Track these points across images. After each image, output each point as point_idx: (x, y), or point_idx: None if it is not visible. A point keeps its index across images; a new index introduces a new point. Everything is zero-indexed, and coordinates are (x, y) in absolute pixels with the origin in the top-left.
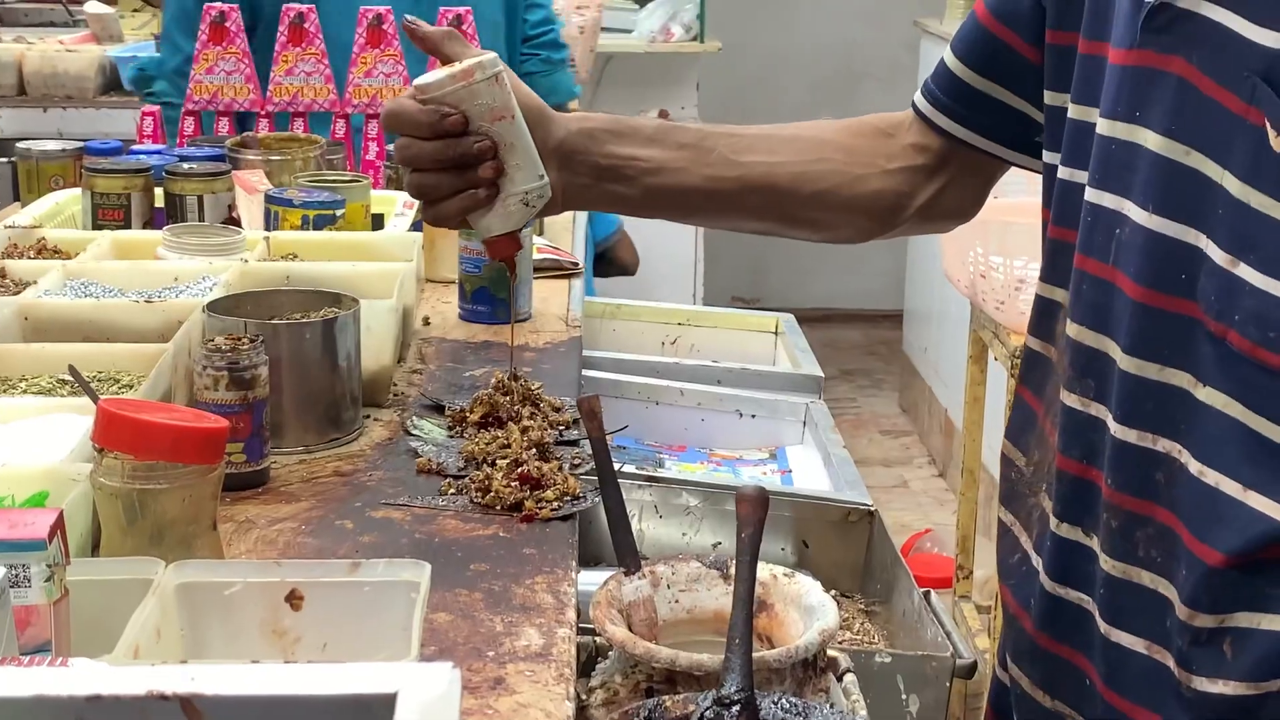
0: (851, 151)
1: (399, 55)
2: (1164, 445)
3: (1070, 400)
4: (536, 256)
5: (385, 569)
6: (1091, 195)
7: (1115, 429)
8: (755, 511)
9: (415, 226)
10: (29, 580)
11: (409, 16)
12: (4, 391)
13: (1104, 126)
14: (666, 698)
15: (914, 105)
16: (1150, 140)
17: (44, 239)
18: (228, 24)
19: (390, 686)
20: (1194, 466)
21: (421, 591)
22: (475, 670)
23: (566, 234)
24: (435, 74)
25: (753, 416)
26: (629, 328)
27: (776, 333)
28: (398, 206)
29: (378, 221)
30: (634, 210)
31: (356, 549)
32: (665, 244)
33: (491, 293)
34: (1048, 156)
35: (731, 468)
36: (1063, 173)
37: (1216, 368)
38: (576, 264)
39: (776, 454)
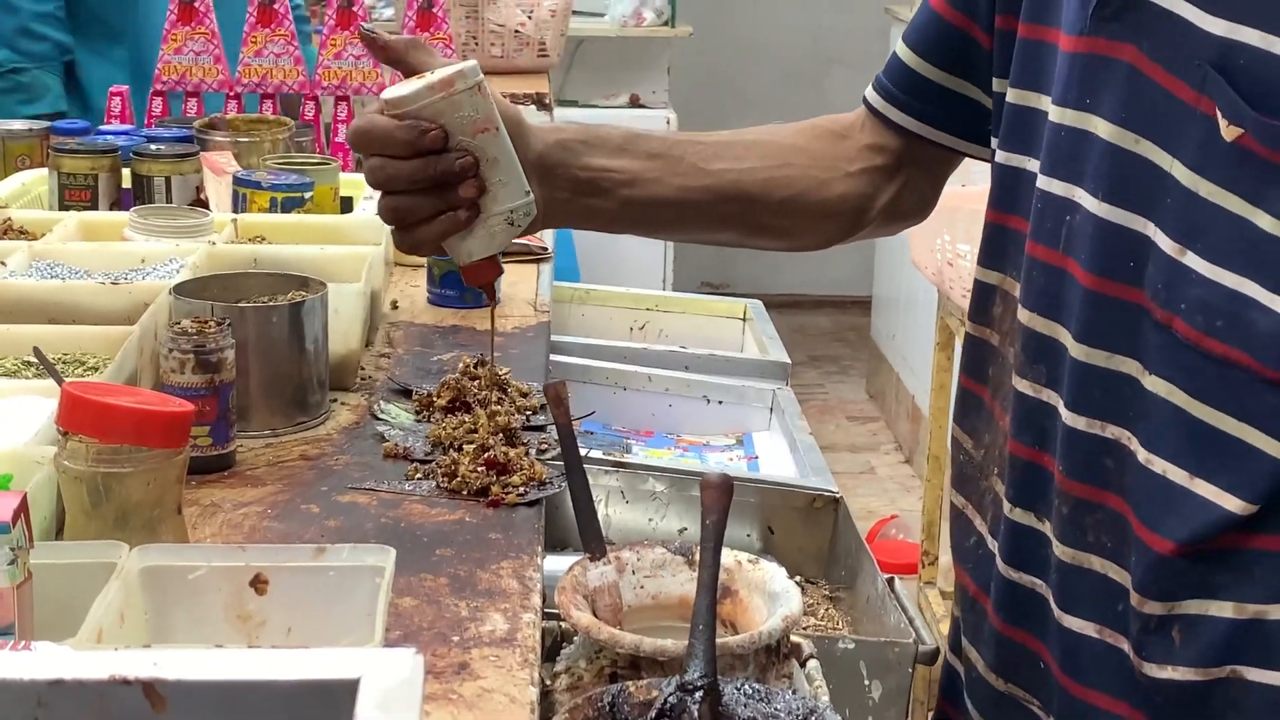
0: (813, 155)
1: None
2: (1113, 432)
3: (1022, 386)
4: None
5: (350, 554)
6: (1042, 182)
7: (1066, 415)
8: (720, 498)
9: None
10: None
11: (365, 25)
12: None
13: (1055, 114)
14: (630, 683)
15: (866, 102)
16: (1101, 128)
17: (10, 219)
18: (196, 4)
19: (353, 672)
20: (1142, 454)
21: (386, 576)
22: (440, 655)
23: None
24: (408, 85)
25: (720, 402)
26: (597, 313)
27: (745, 319)
28: (366, 190)
29: (346, 204)
30: (607, 225)
31: (322, 533)
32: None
33: (460, 277)
34: (994, 143)
35: (698, 453)
36: (1001, 157)
37: (1162, 356)
38: (545, 249)
39: (743, 440)
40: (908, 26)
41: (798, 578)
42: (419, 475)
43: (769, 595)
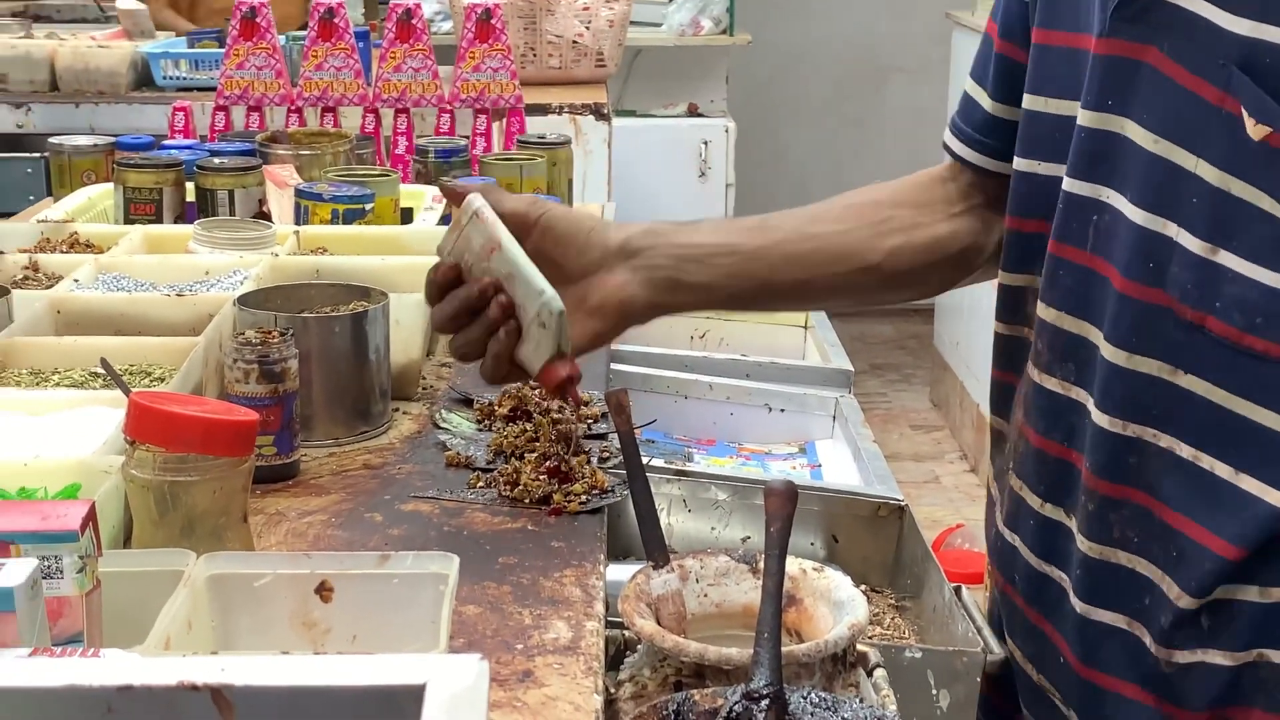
0: (915, 204)
1: (428, 50)
2: (1146, 432)
3: (1050, 384)
4: None
5: (414, 561)
6: (1068, 185)
7: (1096, 414)
8: (784, 506)
9: (444, 220)
10: (61, 571)
11: (444, 179)
12: (37, 384)
13: (1084, 117)
14: (695, 691)
15: (947, 148)
16: (1129, 130)
17: (76, 233)
18: (258, 19)
19: (419, 678)
20: (1186, 451)
21: (450, 584)
22: (504, 663)
23: None
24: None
25: (782, 411)
26: (657, 322)
27: (806, 326)
28: (427, 200)
29: (407, 216)
30: (714, 300)
31: (385, 541)
32: None
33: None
34: (1027, 161)
35: (761, 462)
36: (1018, 164)
37: (1195, 355)
38: None
39: (806, 448)
40: (973, 65)
41: (863, 586)
42: (481, 484)
43: (834, 604)
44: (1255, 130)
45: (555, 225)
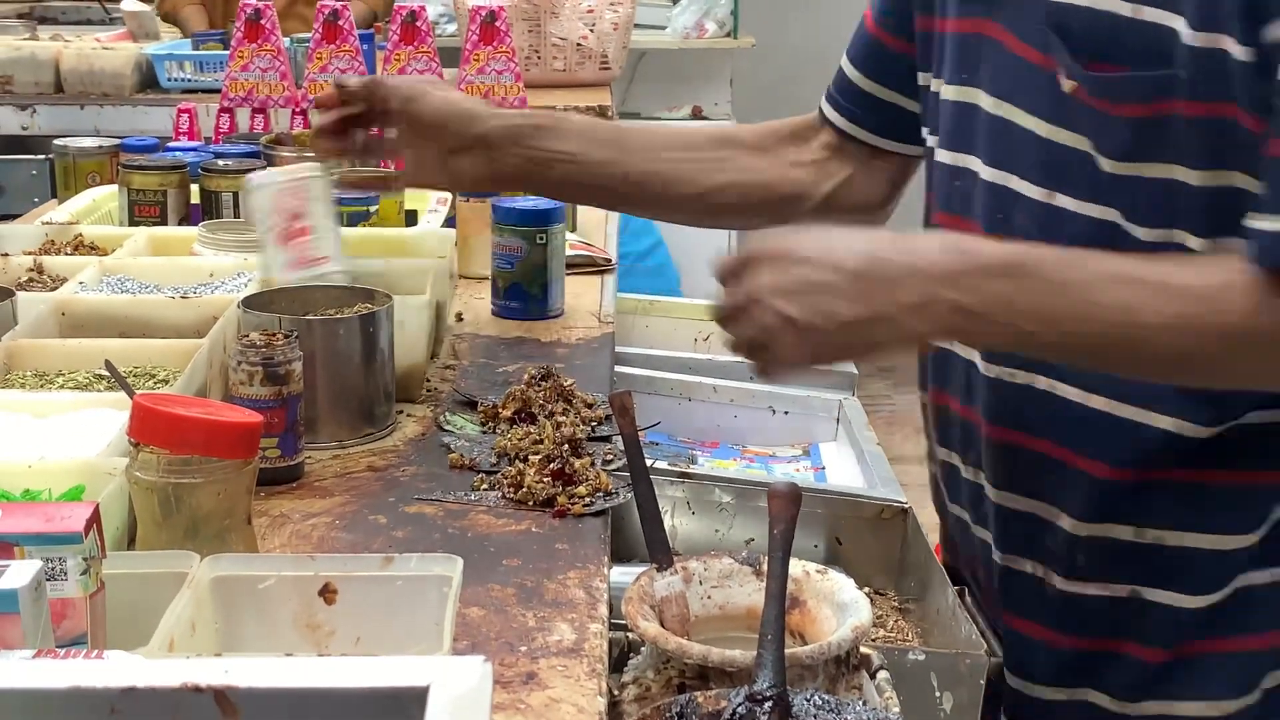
0: (759, 150)
1: (433, 52)
2: (1027, 378)
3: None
4: (570, 253)
5: (418, 563)
6: (941, 155)
7: (983, 366)
8: (788, 508)
9: (448, 223)
10: (65, 573)
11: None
12: (41, 386)
13: (946, 92)
14: (699, 693)
15: (821, 112)
16: (980, 99)
17: (81, 235)
18: (263, 21)
19: (423, 680)
20: (1069, 392)
21: (454, 586)
22: (507, 665)
23: (599, 231)
24: None
25: (785, 413)
26: (661, 324)
27: None
28: (431, 203)
29: (411, 218)
30: (552, 195)
31: (390, 543)
32: (699, 240)
33: (525, 289)
34: (928, 139)
35: (764, 464)
36: (941, 155)
37: None
38: (609, 260)
39: (810, 450)
40: (850, 42)
41: (866, 589)
42: (485, 486)
43: (838, 606)
44: (1066, 85)
45: (424, 117)
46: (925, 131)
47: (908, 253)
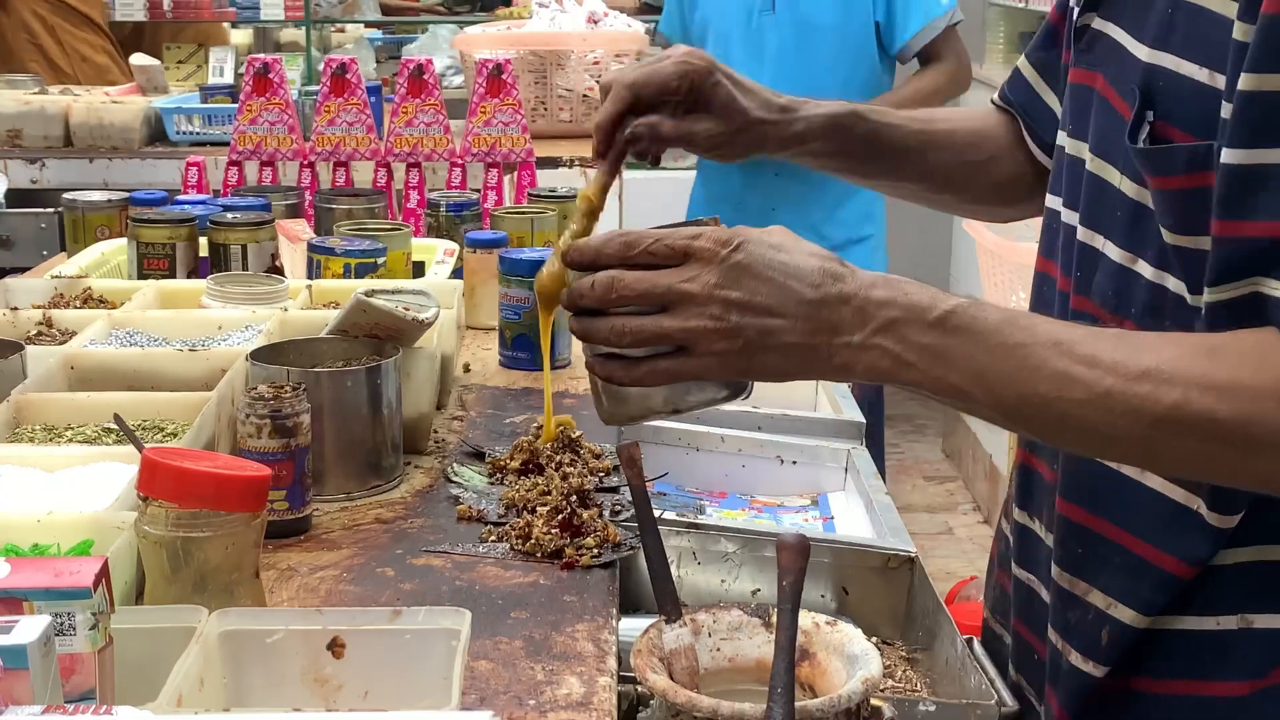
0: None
1: (440, 104)
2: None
3: None
4: None
5: (426, 617)
6: (1050, 201)
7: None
8: (796, 559)
9: (455, 274)
10: (74, 628)
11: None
12: (50, 440)
13: (1061, 138)
14: None
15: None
16: (1085, 153)
17: (90, 288)
18: (271, 75)
19: None
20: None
21: (462, 639)
22: (516, 719)
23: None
24: None
25: (794, 463)
26: None
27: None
28: (438, 254)
29: (419, 269)
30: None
31: (398, 596)
32: None
33: (531, 340)
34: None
35: (773, 514)
36: (1050, 200)
37: None
38: None
39: (818, 500)
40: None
41: (874, 639)
42: (493, 538)
43: (848, 658)
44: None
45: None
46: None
47: (855, 295)
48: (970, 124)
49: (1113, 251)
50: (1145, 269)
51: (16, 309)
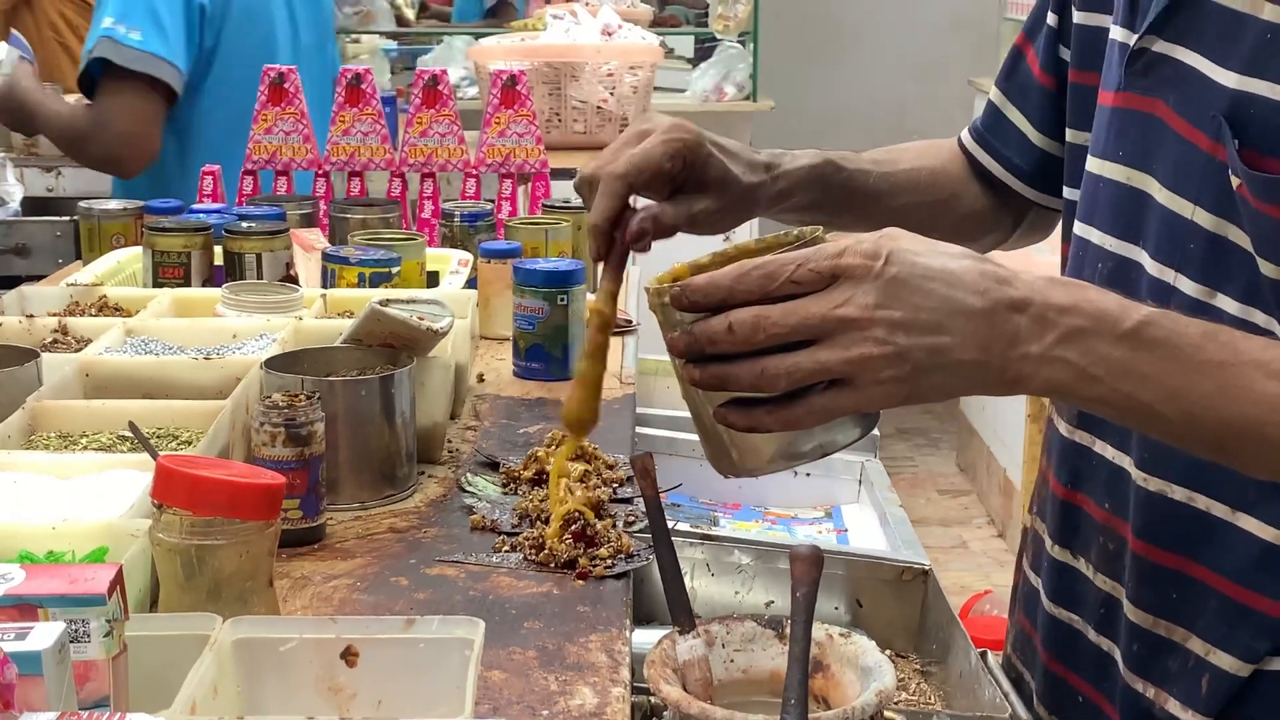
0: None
1: (454, 116)
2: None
3: (1078, 436)
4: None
5: (440, 626)
6: (1079, 229)
7: (1138, 476)
8: (810, 571)
9: (469, 284)
10: (88, 635)
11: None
12: (65, 447)
13: (1092, 164)
14: None
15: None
16: (1139, 180)
17: (105, 296)
18: (286, 85)
19: None
20: (1237, 518)
21: (475, 649)
22: None
23: (620, 292)
24: None
25: (808, 475)
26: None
27: None
28: (452, 264)
29: (433, 279)
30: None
31: (411, 606)
32: None
33: (546, 350)
34: (1068, 193)
35: (787, 526)
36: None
37: None
38: (631, 321)
39: (832, 513)
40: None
41: (888, 651)
42: (506, 548)
43: (861, 670)
44: (1234, 180)
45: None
46: (1069, 191)
47: (1031, 301)
48: (930, 163)
49: (1185, 285)
50: (1228, 303)
51: (32, 316)
